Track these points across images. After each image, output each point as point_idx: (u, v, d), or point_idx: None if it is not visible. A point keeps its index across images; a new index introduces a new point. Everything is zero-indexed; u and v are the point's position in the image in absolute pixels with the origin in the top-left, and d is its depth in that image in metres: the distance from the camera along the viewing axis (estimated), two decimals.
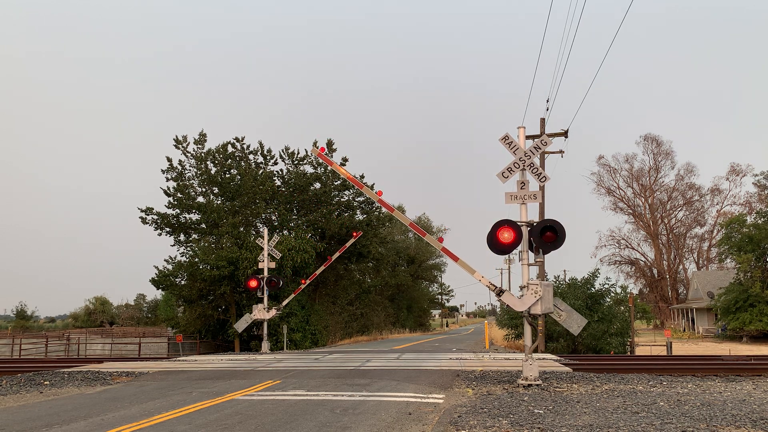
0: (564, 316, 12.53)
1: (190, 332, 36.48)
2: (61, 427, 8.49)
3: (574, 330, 12.59)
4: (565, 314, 12.54)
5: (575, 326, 12.55)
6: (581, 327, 12.66)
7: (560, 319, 12.54)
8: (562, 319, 12.54)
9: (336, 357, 20.97)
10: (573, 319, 12.55)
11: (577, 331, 12.63)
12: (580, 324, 12.61)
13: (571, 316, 12.58)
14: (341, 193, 40.12)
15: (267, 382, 12.97)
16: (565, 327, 12.71)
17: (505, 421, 8.31)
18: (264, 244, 26.23)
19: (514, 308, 12.54)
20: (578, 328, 12.59)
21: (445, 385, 12.33)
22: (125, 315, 77.78)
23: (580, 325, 12.59)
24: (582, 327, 12.69)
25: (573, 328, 12.56)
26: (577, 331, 12.65)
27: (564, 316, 12.53)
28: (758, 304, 43.89)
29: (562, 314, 12.54)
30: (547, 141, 13.68)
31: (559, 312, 12.53)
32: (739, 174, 74.20)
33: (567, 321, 12.52)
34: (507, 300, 12.65)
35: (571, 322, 12.53)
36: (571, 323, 12.52)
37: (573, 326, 12.55)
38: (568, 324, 12.54)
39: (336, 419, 8.61)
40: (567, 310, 12.63)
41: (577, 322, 12.55)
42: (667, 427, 7.74)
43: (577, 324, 12.55)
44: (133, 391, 12.21)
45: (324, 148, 24.33)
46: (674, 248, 78.76)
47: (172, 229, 36.20)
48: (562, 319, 12.54)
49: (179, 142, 36.28)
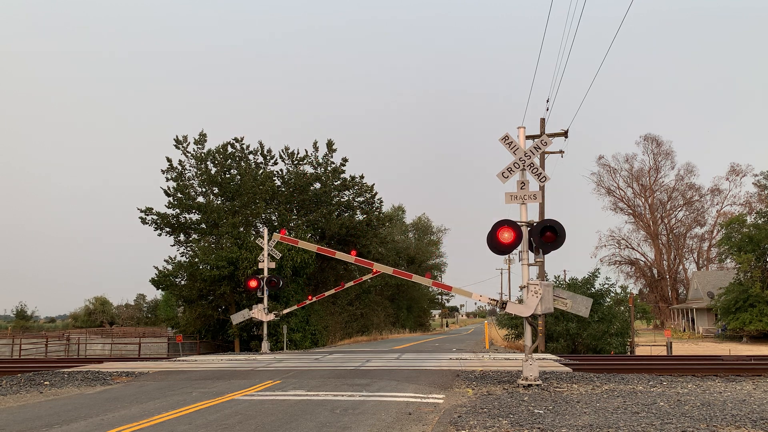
0: (570, 303, 12.57)
1: (190, 332, 36.46)
2: (61, 427, 8.49)
3: (583, 312, 12.63)
4: (569, 301, 12.58)
5: (583, 309, 12.61)
6: (588, 308, 12.71)
7: (567, 307, 12.57)
8: (569, 307, 12.57)
9: (336, 357, 20.96)
10: (578, 302, 12.63)
11: (586, 313, 12.67)
12: (587, 305, 12.67)
13: (576, 300, 12.66)
14: (341, 193, 40.12)
15: (267, 382, 12.96)
16: (574, 313, 12.77)
17: (505, 421, 8.31)
18: (264, 244, 26.22)
19: (521, 315, 12.52)
20: (587, 310, 12.64)
21: (445, 385, 12.33)
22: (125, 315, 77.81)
23: (587, 306, 12.65)
24: (589, 308, 12.76)
25: (582, 311, 12.61)
26: (586, 312, 12.68)
27: (570, 303, 12.57)
28: (758, 304, 43.89)
29: (567, 302, 12.57)
30: (547, 141, 13.68)
31: (564, 301, 12.57)
32: (739, 174, 74.31)
33: (574, 306, 12.59)
34: (512, 310, 12.64)
35: (578, 306, 12.60)
36: (579, 307, 12.60)
37: (581, 309, 12.61)
38: (576, 309, 12.59)
39: (336, 419, 8.61)
40: (570, 297, 12.71)
41: (583, 304, 12.64)
42: (667, 427, 7.74)
43: (584, 306, 12.62)
44: (133, 391, 12.21)
45: (284, 230, 25.35)
46: (674, 248, 78.78)
47: (172, 229, 36.18)
48: (568, 306, 12.57)
49: (179, 142, 36.28)
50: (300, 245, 21.05)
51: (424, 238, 78.11)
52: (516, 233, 12.38)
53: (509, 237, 12.39)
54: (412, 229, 78.71)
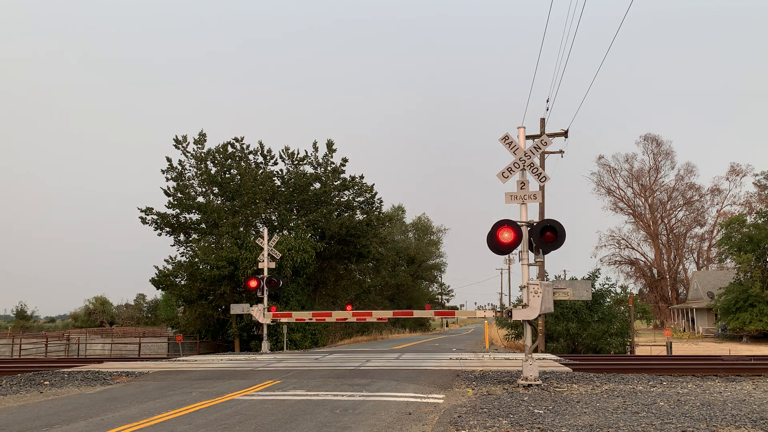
0: (570, 291, 12.64)
1: (190, 332, 36.45)
2: (61, 427, 8.49)
3: (585, 296, 12.79)
4: (570, 290, 12.66)
5: (584, 293, 12.77)
6: (589, 291, 12.90)
7: (569, 296, 12.65)
8: (570, 295, 12.66)
9: (336, 357, 20.96)
10: (578, 288, 12.80)
11: (588, 296, 12.84)
12: (587, 288, 12.85)
13: (576, 287, 12.81)
14: (341, 193, 40.10)
15: (267, 382, 12.96)
16: (577, 299, 12.92)
17: (505, 421, 8.31)
18: (264, 244, 26.22)
19: (529, 318, 12.51)
20: (588, 293, 12.82)
21: (445, 385, 12.33)
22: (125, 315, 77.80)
23: (587, 290, 12.83)
24: (590, 290, 12.96)
25: (584, 296, 12.76)
26: (588, 295, 12.85)
27: (570, 291, 12.64)
28: (758, 304, 43.89)
29: (567, 291, 12.64)
30: (547, 141, 13.69)
31: (564, 291, 12.62)
32: (739, 174, 74.28)
33: (575, 294, 12.75)
34: (518, 316, 12.61)
35: (579, 292, 12.75)
36: (580, 293, 12.75)
37: (583, 294, 12.76)
38: (578, 295, 12.76)
39: (336, 419, 8.61)
40: (569, 285, 12.81)
41: (584, 288, 12.81)
42: (667, 427, 7.74)
43: (585, 290, 12.79)
44: (133, 391, 12.21)
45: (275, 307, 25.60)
46: (674, 248, 78.76)
47: (172, 229, 36.16)
48: (570, 295, 12.65)
49: (179, 142, 36.26)
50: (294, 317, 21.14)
51: (424, 238, 78.11)
52: (516, 233, 12.38)
53: (509, 237, 12.39)
54: (412, 229, 78.70)
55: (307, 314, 20.70)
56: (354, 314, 18.31)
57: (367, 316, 18.11)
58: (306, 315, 20.58)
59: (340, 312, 18.27)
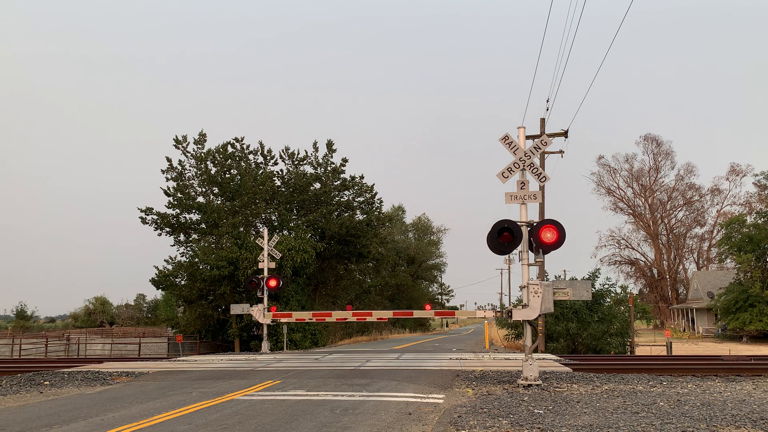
0: (570, 291, 12.64)
1: (190, 332, 36.46)
2: (61, 427, 8.49)
3: (586, 296, 12.80)
4: (570, 290, 12.66)
5: (584, 293, 12.77)
6: (589, 291, 12.91)
7: (569, 296, 12.64)
8: (570, 295, 12.66)
9: (336, 357, 20.96)
10: (579, 288, 12.80)
11: (588, 296, 12.84)
12: (587, 288, 12.86)
13: (576, 287, 12.80)
14: (341, 193, 40.10)
15: (267, 382, 12.96)
16: (577, 299, 12.91)
17: (505, 421, 8.31)
18: (264, 244, 26.22)
19: (529, 318, 12.51)
20: (588, 293, 12.83)
21: (445, 385, 12.33)
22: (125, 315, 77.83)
23: (587, 289, 12.84)
24: (590, 290, 12.97)
25: (584, 295, 12.77)
26: (589, 295, 12.86)
27: (570, 291, 12.64)
28: (758, 304, 43.88)
29: (567, 291, 12.64)
30: (547, 141, 13.69)
31: (564, 291, 12.62)
32: (739, 174, 74.24)
33: (575, 294, 12.76)
34: (519, 316, 12.61)
35: (579, 292, 12.76)
36: (580, 293, 12.76)
37: (583, 294, 12.76)
38: (578, 295, 12.77)
39: (336, 419, 8.61)
40: (569, 285, 12.80)
41: (584, 288, 12.82)
42: (667, 427, 7.74)
43: (585, 290, 12.80)
44: (133, 391, 12.21)
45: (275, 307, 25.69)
46: (674, 248, 78.75)
47: (172, 229, 36.16)
48: (570, 295, 12.66)
49: (179, 142, 36.25)
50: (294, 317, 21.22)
51: (424, 238, 78.11)
52: (516, 233, 12.38)
53: (509, 237, 12.40)
54: (412, 229, 78.71)
55: (307, 314, 20.74)
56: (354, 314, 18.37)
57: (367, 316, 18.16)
58: (306, 315, 20.60)
59: (340, 312, 18.31)
